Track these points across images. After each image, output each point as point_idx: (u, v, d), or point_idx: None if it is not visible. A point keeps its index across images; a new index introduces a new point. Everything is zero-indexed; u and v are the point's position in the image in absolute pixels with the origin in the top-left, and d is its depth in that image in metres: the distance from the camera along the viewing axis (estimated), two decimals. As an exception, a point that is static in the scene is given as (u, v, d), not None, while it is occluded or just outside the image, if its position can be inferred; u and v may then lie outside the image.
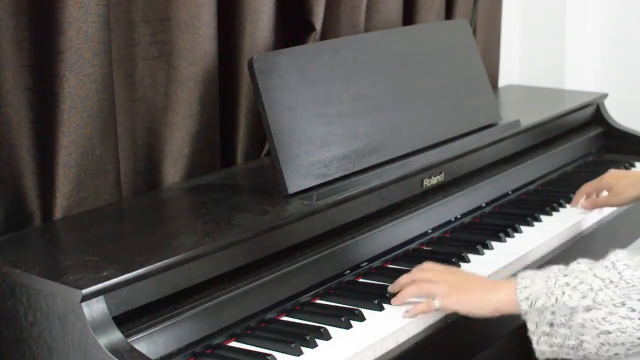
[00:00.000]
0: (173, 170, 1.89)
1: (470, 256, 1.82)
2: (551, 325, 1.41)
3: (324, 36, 2.20)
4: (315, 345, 1.45)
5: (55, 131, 1.62)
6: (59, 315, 1.32)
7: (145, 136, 1.86)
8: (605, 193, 2.08)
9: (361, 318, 1.55)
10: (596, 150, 2.62)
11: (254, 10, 1.98)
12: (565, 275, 1.42)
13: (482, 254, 1.84)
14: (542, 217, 2.07)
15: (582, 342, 1.39)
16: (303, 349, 1.44)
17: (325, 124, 1.80)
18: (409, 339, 1.53)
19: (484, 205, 2.12)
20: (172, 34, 1.84)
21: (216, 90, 1.95)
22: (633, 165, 2.50)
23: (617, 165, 2.46)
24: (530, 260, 1.87)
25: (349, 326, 1.52)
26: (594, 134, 2.61)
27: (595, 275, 1.39)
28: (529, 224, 2.02)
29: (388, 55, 2.01)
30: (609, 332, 1.36)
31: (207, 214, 1.62)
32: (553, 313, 1.41)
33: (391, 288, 1.63)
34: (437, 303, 1.54)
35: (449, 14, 2.67)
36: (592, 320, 1.37)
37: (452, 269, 1.66)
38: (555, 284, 1.42)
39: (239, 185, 1.89)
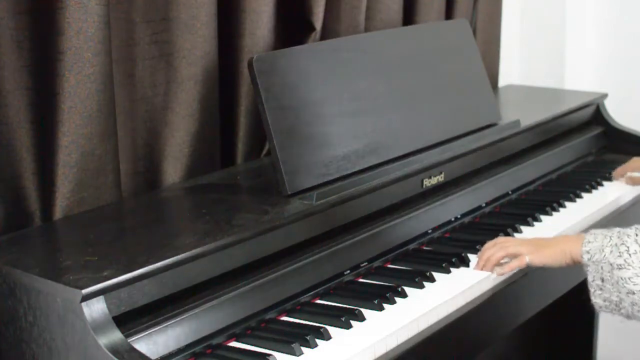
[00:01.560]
0: (173, 170, 1.89)
1: (471, 256, 1.82)
2: (602, 280, 1.56)
3: (324, 36, 2.20)
4: (315, 345, 1.45)
5: (55, 131, 1.62)
6: (59, 315, 1.32)
7: (145, 136, 1.86)
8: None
9: (361, 318, 1.55)
10: (596, 150, 2.62)
11: (254, 10, 1.98)
12: (619, 237, 1.57)
13: (482, 254, 1.84)
14: (542, 217, 2.07)
15: (621, 299, 1.53)
16: (303, 349, 1.44)
17: (325, 124, 1.80)
18: (409, 339, 1.53)
19: (484, 205, 2.12)
20: (172, 34, 1.84)
21: (216, 90, 1.95)
22: (633, 165, 2.50)
23: (617, 165, 2.46)
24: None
25: (349, 326, 1.52)
26: (594, 134, 2.61)
27: (636, 241, 1.55)
28: (529, 224, 2.02)
29: (388, 55, 2.01)
30: (634, 293, 1.52)
31: (207, 214, 1.62)
32: (602, 268, 1.55)
33: (477, 266, 1.77)
34: (527, 258, 1.71)
35: (449, 14, 2.67)
36: (622, 279, 1.52)
37: (524, 238, 1.82)
38: (609, 242, 1.57)
39: (239, 185, 1.89)
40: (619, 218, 2.19)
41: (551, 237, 1.80)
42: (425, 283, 1.69)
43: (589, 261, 1.59)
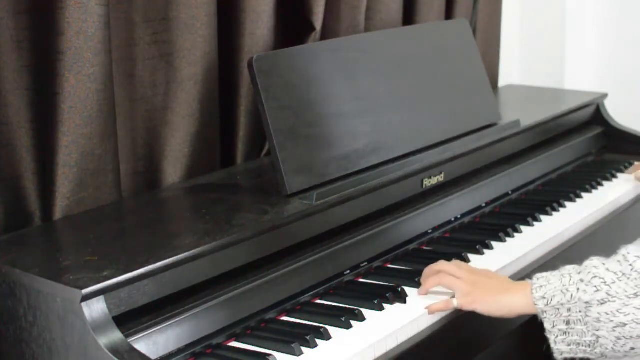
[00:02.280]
0: (173, 170, 1.89)
1: (470, 256, 1.82)
2: (567, 323, 1.45)
3: (324, 36, 2.20)
4: (315, 345, 1.45)
5: (55, 131, 1.62)
6: (59, 315, 1.32)
7: (145, 136, 1.86)
8: None
9: (361, 318, 1.55)
10: (596, 150, 2.62)
11: (254, 10, 1.98)
12: (579, 273, 1.46)
13: (482, 254, 1.84)
14: (542, 217, 2.07)
15: (598, 337, 1.42)
16: (303, 349, 1.44)
17: (325, 124, 1.80)
18: (409, 339, 1.53)
19: (484, 205, 2.12)
20: (172, 34, 1.84)
21: (216, 90, 1.95)
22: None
23: (617, 165, 2.46)
24: (530, 260, 1.87)
25: (349, 326, 1.52)
26: (594, 134, 2.61)
27: (607, 270, 1.43)
28: (529, 224, 2.02)
29: (388, 55, 2.01)
30: (624, 324, 1.39)
31: (207, 214, 1.62)
32: (569, 310, 1.44)
33: (420, 291, 1.65)
34: (455, 302, 1.58)
35: (449, 14, 2.67)
36: (607, 314, 1.41)
37: (476, 269, 1.67)
38: (570, 281, 1.46)
39: (239, 185, 1.89)
40: (619, 218, 2.20)
41: (499, 278, 1.62)
42: (425, 283, 1.70)
43: (546, 307, 1.47)
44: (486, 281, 1.60)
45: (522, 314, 1.53)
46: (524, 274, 1.80)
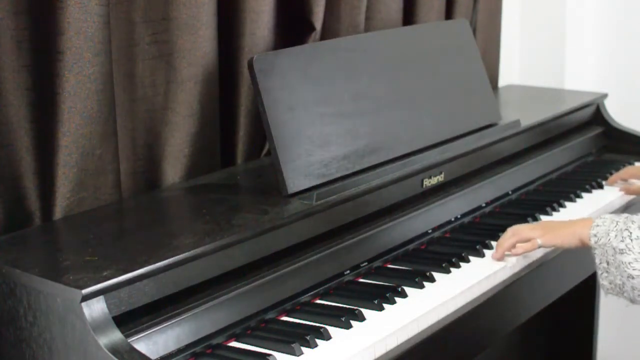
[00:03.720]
0: (173, 170, 1.89)
1: (471, 256, 1.82)
2: (607, 263, 1.60)
3: (324, 36, 2.20)
4: (315, 345, 1.45)
5: (55, 131, 1.62)
6: (59, 315, 1.32)
7: (145, 136, 1.86)
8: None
9: (361, 318, 1.55)
10: (596, 150, 2.62)
11: (254, 10, 1.98)
12: (625, 222, 1.58)
13: (482, 254, 1.84)
14: (542, 217, 2.07)
15: (623, 283, 1.55)
16: (303, 349, 1.44)
17: (325, 124, 1.80)
18: (409, 339, 1.53)
19: (484, 205, 2.12)
20: (172, 34, 1.84)
21: (216, 90, 1.95)
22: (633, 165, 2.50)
23: (617, 165, 2.46)
24: (530, 260, 1.87)
25: (349, 326, 1.52)
26: (594, 134, 2.61)
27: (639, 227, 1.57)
28: (529, 224, 2.02)
29: (388, 55, 2.01)
30: (633, 277, 1.54)
31: (207, 214, 1.62)
32: (606, 252, 1.58)
33: (494, 255, 1.81)
34: (539, 241, 1.77)
35: (449, 14, 2.67)
36: (622, 263, 1.54)
37: (537, 222, 1.94)
38: (615, 227, 1.59)
39: (239, 185, 1.89)
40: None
41: (563, 220, 1.84)
42: (425, 283, 1.69)
43: (595, 244, 1.62)
44: (555, 223, 1.81)
45: (586, 246, 1.67)
46: (523, 274, 1.80)
